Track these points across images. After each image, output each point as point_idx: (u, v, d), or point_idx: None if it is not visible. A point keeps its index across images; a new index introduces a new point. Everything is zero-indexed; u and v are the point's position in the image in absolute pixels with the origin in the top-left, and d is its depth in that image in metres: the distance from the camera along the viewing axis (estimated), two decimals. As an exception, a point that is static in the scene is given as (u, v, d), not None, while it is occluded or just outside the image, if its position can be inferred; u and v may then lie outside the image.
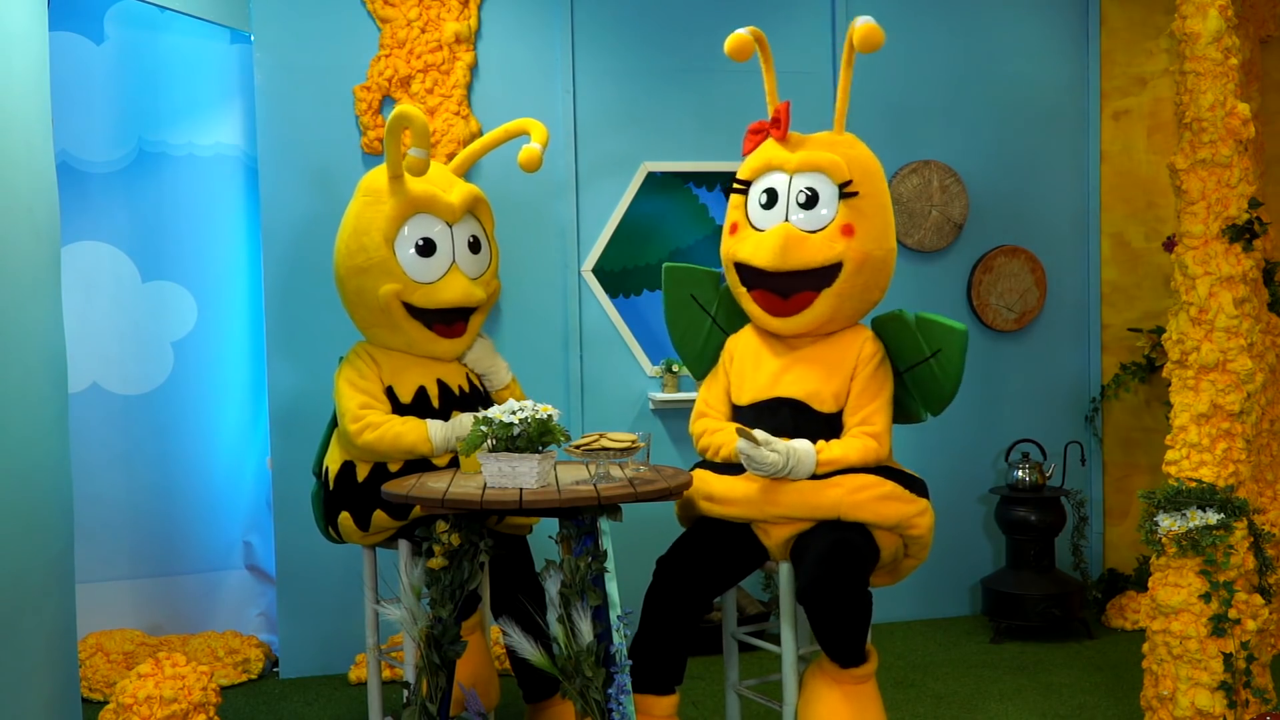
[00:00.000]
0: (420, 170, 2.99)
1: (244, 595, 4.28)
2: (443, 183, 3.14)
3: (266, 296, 4.00)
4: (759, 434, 2.68)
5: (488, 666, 3.20)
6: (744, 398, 2.96)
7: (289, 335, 4.00)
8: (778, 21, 4.37)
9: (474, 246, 3.15)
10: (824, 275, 2.83)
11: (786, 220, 2.85)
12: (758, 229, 2.90)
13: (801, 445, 2.73)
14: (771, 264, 2.82)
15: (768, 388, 2.91)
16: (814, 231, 2.82)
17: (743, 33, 2.82)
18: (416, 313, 3.05)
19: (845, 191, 2.81)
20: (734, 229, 2.97)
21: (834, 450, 2.76)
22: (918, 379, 2.92)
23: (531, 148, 3.19)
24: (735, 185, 2.98)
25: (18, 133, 2.58)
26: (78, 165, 4.01)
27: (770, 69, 2.99)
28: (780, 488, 2.76)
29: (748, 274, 2.92)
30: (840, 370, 2.87)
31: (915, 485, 2.88)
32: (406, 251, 3.03)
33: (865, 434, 2.81)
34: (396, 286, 3.00)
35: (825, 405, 2.85)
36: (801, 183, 2.85)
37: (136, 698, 3.19)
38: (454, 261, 3.09)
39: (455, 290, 3.05)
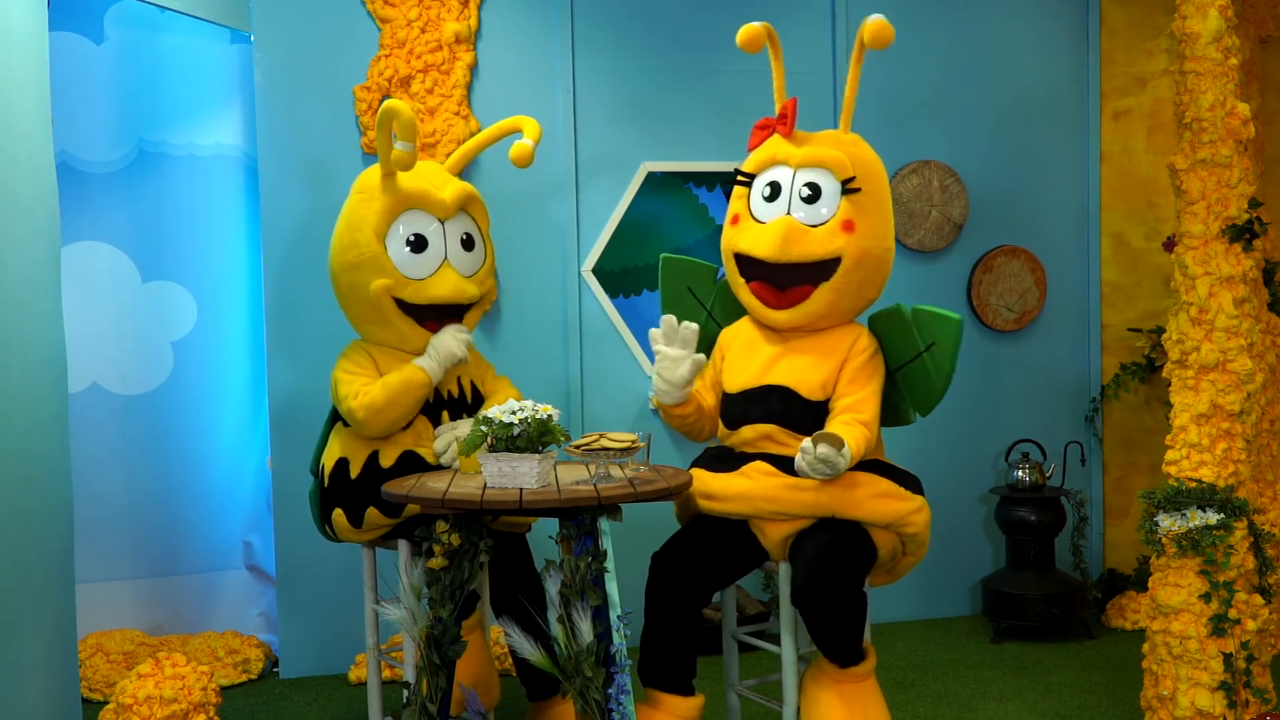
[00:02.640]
0: (406, 164, 2.99)
1: (244, 595, 4.28)
2: (436, 180, 3.15)
3: (266, 296, 4.00)
4: (827, 450, 2.57)
5: (488, 666, 3.20)
6: (734, 385, 2.97)
7: (289, 335, 4.00)
8: (778, 22, 4.35)
9: (467, 244, 3.16)
10: (822, 269, 2.84)
11: (789, 214, 2.87)
12: (759, 221, 2.93)
13: (845, 458, 2.62)
14: (772, 255, 2.85)
15: (758, 375, 2.93)
16: (815, 226, 2.85)
17: (756, 25, 2.86)
18: (408, 309, 3.05)
19: (848, 188, 2.84)
20: (735, 220, 2.99)
21: (853, 445, 2.67)
22: (909, 377, 2.92)
23: (523, 143, 3.21)
24: (739, 177, 3.01)
25: (18, 133, 2.58)
26: (78, 165, 4.01)
27: (779, 64, 3.04)
28: (776, 485, 2.76)
29: (747, 265, 2.94)
30: (830, 360, 2.87)
31: (909, 482, 2.88)
32: (398, 247, 3.04)
33: (857, 421, 2.77)
34: (388, 282, 3.01)
35: (813, 393, 2.84)
36: (805, 178, 2.88)
37: (136, 698, 3.19)
38: (445, 258, 3.10)
39: (446, 286, 3.06)
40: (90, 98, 4.01)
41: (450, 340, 3.03)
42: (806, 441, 2.61)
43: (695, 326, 2.89)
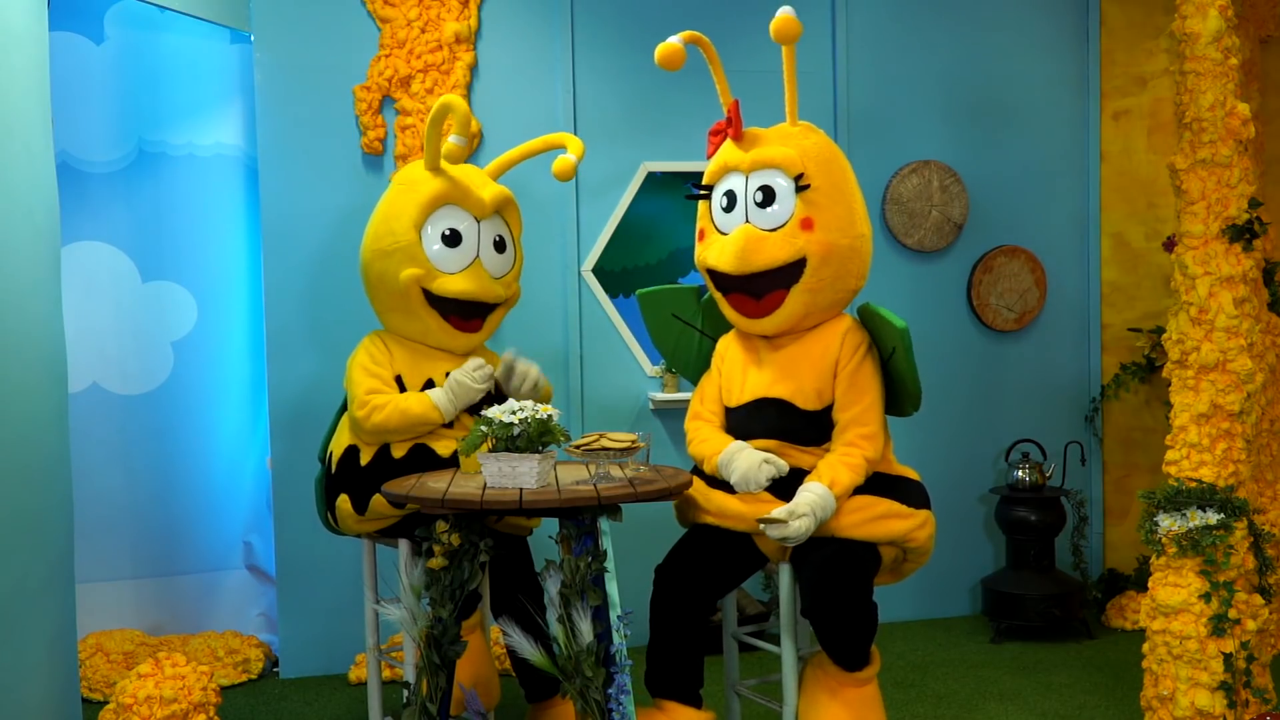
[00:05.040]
0: (459, 157, 3.06)
1: (244, 595, 4.28)
2: (477, 180, 3.20)
3: (266, 296, 4.00)
4: (778, 512, 2.62)
5: (488, 666, 3.20)
6: (732, 400, 2.95)
7: (289, 335, 4.00)
8: (778, 21, 4.37)
9: (499, 246, 3.21)
10: (790, 272, 2.79)
11: (746, 221, 2.83)
12: (722, 233, 2.90)
13: (818, 495, 2.66)
14: (734, 268, 2.81)
15: (753, 389, 2.90)
16: (774, 229, 2.80)
17: (673, 41, 2.78)
18: (435, 301, 3.09)
19: (800, 185, 2.77)
20: (701, 235, 2.98)
21: (843, 478, 2.70)
22: (892, 372, 2.88)
23: (566, 158, 3.27)
24: (700, 191, 2.97)
25: (18, 133, 2.58)
26: (78, 165, 4.01)
27: (719, 70, 2.98)
28: (772, 510, 2.73)
29: (719, 279, 2.91)
30: (821, 365, 2.83)
31: (913, 494, 2.84)
32: (433, 239, 3.08)
33: (860, 438, 2.76)
34: (418, 272, 3.05)
35: (809, 403, 2.82)
36: (757, 181, 2.83)
37: (136, 698, 3.19)
38: (477, 256, 3.15)
39: (475, 283, 3.10)
40: (90, 98, 4.01)
41: (469, 382, 3.03)
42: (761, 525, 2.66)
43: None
